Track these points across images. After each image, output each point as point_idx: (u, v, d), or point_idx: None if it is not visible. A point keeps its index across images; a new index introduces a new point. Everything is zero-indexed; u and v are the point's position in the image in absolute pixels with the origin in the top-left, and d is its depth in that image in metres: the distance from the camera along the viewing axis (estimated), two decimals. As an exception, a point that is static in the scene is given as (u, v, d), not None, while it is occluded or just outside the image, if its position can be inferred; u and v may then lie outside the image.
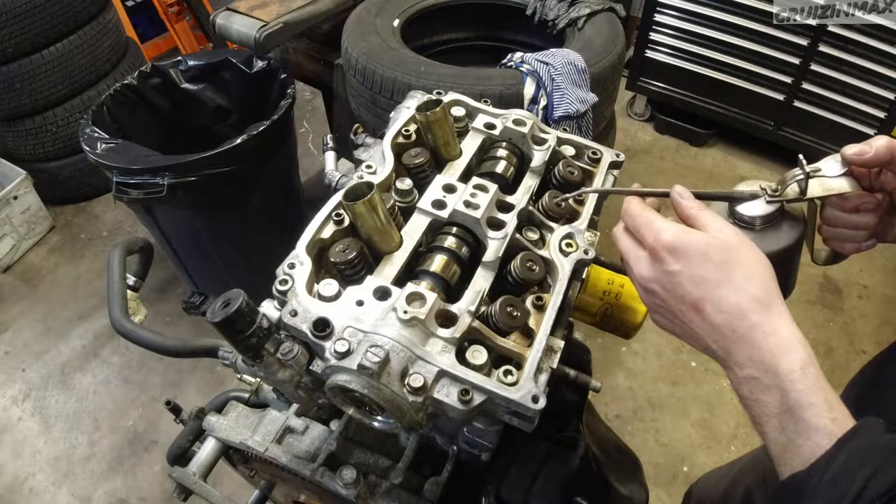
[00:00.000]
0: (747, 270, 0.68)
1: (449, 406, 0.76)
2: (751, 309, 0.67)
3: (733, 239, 0.70)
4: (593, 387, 0.97)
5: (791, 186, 0.79)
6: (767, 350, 0.65)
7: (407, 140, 1.05)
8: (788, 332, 0.66)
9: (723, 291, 0.68)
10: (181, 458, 1.17)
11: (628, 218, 0.77)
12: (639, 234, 0.74)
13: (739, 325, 0.67)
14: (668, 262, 0.70)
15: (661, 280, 0.72)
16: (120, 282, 1.29)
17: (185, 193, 2.10)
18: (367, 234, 0.89)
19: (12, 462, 2.51)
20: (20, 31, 2.89)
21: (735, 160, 3.75)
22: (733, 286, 0.67)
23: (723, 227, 0.71)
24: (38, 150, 3.30)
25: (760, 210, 0.80)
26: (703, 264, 0.68)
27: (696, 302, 0.69)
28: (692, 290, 0.69)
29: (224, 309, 0.74)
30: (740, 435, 2.48)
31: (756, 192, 0.80)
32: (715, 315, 0.68)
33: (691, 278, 0.69)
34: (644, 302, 0.78)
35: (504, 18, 2.84)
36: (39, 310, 3.07)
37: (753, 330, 0.66)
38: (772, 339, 0.65)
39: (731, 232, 0.71)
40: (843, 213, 0.83)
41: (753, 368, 0.65)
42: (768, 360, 0.64)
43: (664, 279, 0.71)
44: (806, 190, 0.78)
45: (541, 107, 2.13)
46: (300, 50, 2.86)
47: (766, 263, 0.70)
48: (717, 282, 0.68)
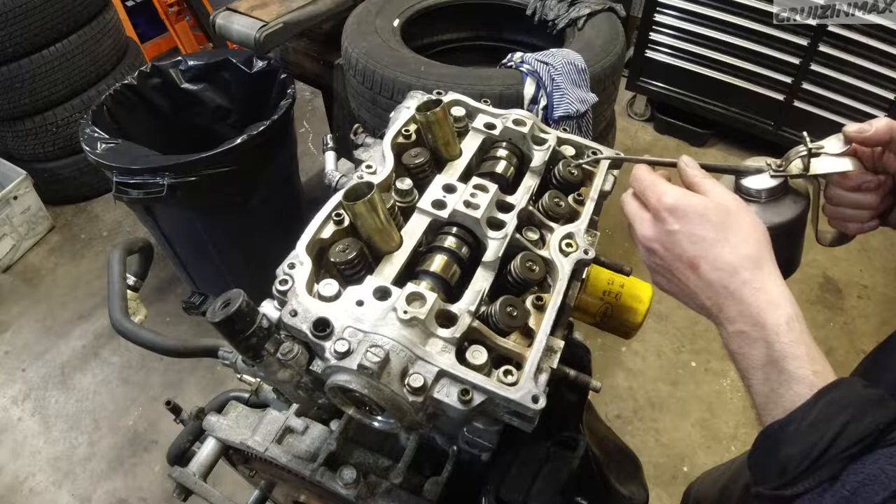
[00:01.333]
0: (743, 232, 0.72)
1: (449, 406, 0.76)
2: (743, 266, 0.70)
3: (731, 204, 0.75)
4: (593, 387, 0.97)
5: (794, 162, 0.82)
6: (756, 305, 0.68)
7: (407, 140, 1.05)
8: (777, 290, 0.70)
9: (718, 250, 0.72)
10: (181, 458, 1.17)
11: (636, 182, 0.81)
12: (643, 197, 0.79)
13: (731, 281, 0.70)
14: (668, 222, 0.75)
15: (662, 239, 0.76)
16: (120, 282, 1.29)
17: (185, 193, 2.10)
18: (367, 234, 0.89)
19: (12, 462, 2.51)
20: (20, 31, 2.89)
21: (735, 160, 3.71)
22: (728, 245, 0.72)
23: (723, 193, 0.76)
24: (38, 150, 3.30)
25: (765, 184, 0.84)
26: (702, 224, 0.73)
27: (692, 259, 0.73)
28: (689, 248, 0.73)
29: (224, 309, 0.74)
30: (740, 435, 2.48)
31: (761, 167, 0.84)
32: (709, 272, 0.72)
33: (689, 237, 0.73)
34: (645, 262, 0.81)
35: (504, 18, 2.84)
36: (39, 310, 3.07)
37: (744, 286, 0.70)
38: (761, 295, 0.69)
39: (730, 198, 0.75)
40: (845, 192, 0.86)
41: (742, 323, 0.69)
42: (756, 315, 0.68)
43: (664, 238, 0.75)
44: (808, 166, 0.82)
45: (541, 107, 2.13)
46: (300, 50, 2.86)
47: (762, 228, 0.74)
48: (714, 241, 0.72)
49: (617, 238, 3.11)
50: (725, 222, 0.72)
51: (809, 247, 0.95)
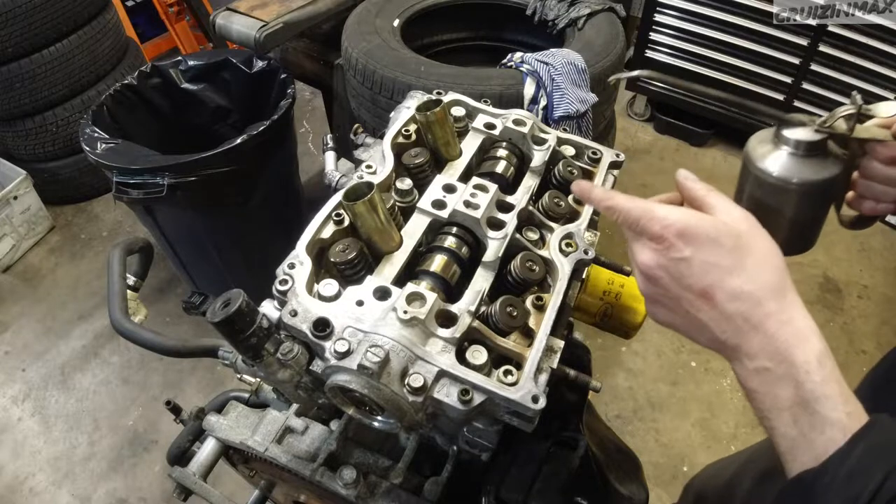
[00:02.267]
0: (760, 257, 0.66)
1: (449, 406, 0.76)
2: (765, 296, 0.64)
3: (743, 224, 0.67)
4: (593, 387, 0.97)
5: (839, 122, 0.79)
6: (782, 340, 0.62)
7: (407, 140, 1.05)
8: (804, 322, 0.63)
9: (735, 278, 0.64)
10: (181, 458, 1.17)
11: (619, 215, 0.71)
12: (639, 227, 0.68)
13: (753, 313, 0.64)
14: (677, 248, 0.66)
15: (668, 267, 0.67)
16: (120, 282, 1.29)
17: (185, 193, 2.10)
18: (367, 234, 0.89)
19: (12, 462, 2.51)
20: (20, 31, 2.89)
21: (735, 160, 3.75)
22: (746, 273, 0.64)
23: (732, 209, 0.68)
24: (38, 150, 3.30)
25: (806, 136, 0.80)
26: (714, 249, 0.65)
27: (705, 290, 0.65)
28: (702, 277, 0.65)
29: (224, 309, 0.74)
30: (740, 435, 2.48)
31: (804, 121, 0.81)
32: (726, 303, 0.64)
33: (701, 265, 0.65)
34: (643, 292, 0.73)
35: (504, 18, 2.84)
36: (39, 310, 3.07)
37: (768, 319, 0.63)
38: (787, 328, 0.63)
39: (740, 215, 0.68)
40: (881, 165, 0.82)
41: (766, 359, 0.63)
42: (782, 351, 0.62)
43: (671, 266, 0.67)
44: (853, 128, 0.79)
45: (541, 107, 2.13)
46: (300, 50, 2.86)
47: (777, 251, 0.68)
48: (729, 268, 0.64)
49: (617, 238, 3.11)
50: (740, 246, 0.65)
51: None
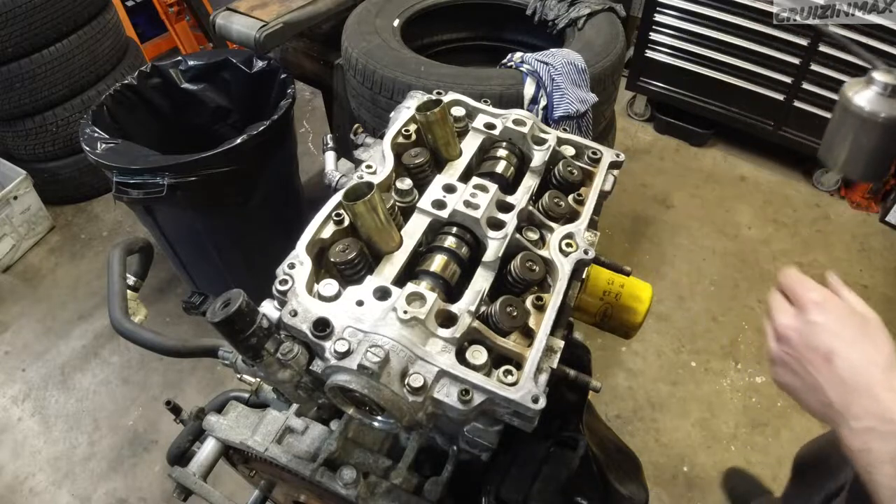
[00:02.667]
0: (879, 341, 0.78)
1: (449, 406, 0.76)
2: (876, 366, 0.75)
3: (871, 315, 0.82)
4: (593, 387, 0.97)
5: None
6: (888, 402, 0.73)
7: (407, 140, 1.05)
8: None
9: (854, 349, 0.77)
10: (181, 458, 1.17)
11: (784, 278, 0.87)
12: (790, 290, 0.85)
13: (863, 379, 0.75)
14: (811, 313, 0.80)
15: (800, 328, 0.81)
16: (120, 282, 1.29)
17: (185, 193, 2.10)
18: (367, 234, 0.89)
19: (12, 462, 2.51)
20: (20, 31, 2.89)
21: (735, 160, 3.75)
22: (863, 349, 0.77)
23: (864, 305, 0.83)
24: (38, 150, 3.30)
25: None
26: (843, 323, 0.79)
27: (828, 353, 0.77)
28: (828, 341, 0.78)
29: (224, 309, 0.74)
30: (740, 435, 2.47)
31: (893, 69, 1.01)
32: (843, 368, 0.76)
33: (830, 331, 0.78)
34: (772, 353, 0.85)
35: (504, 18, 2.84)
36: (39, 310, 3.07)
37: (877, 384, 0.74)
38: (891, 394, 0.73)
39: (869, 310, 0.82)
40: None
41: (870, 419, 0.73)
42: (887, 411, 0.72)
43: (803, 327, 0.80)
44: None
45: (541, 107, 2.13)
46: (300, 50, 2.86)
47: (892, 343, 0.79)
48: (852, 340, 0.78)
49: (617, 238, 3.11)
50: (864, 328, 0.79)
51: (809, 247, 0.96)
